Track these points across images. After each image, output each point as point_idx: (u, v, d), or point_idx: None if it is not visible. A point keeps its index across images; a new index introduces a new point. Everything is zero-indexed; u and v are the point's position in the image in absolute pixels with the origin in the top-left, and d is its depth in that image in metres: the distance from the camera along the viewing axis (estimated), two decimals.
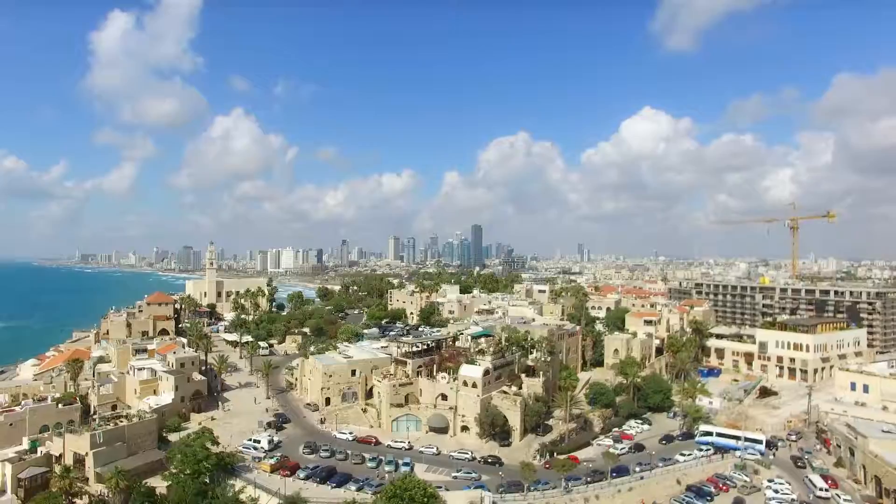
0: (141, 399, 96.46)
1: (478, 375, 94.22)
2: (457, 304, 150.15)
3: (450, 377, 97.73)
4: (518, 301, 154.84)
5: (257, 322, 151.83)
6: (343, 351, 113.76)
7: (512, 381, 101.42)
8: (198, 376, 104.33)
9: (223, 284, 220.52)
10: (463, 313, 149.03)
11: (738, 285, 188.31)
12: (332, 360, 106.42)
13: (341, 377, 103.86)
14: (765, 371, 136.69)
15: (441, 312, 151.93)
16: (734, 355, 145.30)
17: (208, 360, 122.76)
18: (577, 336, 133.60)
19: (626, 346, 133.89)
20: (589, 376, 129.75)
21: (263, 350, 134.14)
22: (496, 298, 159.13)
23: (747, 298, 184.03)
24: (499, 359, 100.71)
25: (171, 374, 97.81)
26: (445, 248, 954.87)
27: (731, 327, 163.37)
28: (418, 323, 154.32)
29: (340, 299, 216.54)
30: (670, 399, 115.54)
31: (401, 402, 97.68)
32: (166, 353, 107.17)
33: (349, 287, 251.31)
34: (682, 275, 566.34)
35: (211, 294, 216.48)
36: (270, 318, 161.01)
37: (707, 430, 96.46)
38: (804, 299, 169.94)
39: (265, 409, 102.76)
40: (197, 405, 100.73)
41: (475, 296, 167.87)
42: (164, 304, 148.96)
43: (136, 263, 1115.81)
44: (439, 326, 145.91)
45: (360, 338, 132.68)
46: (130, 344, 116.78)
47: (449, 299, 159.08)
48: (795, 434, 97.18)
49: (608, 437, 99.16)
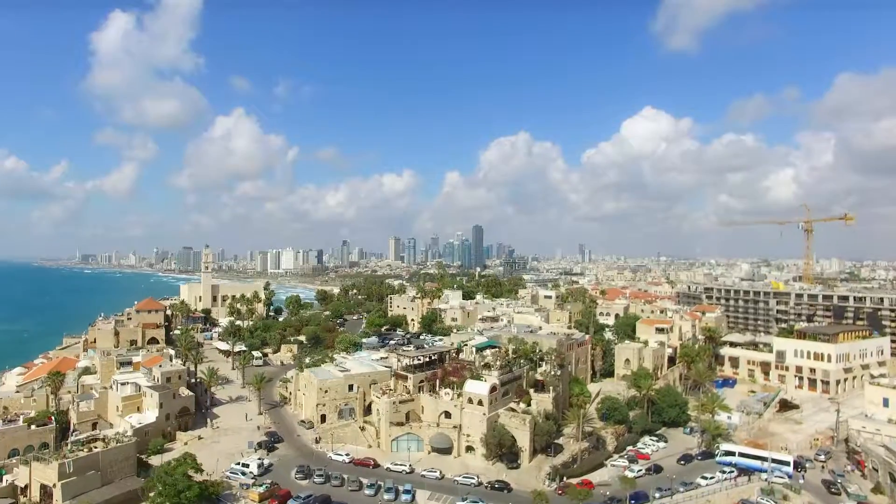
0: (123, 417, 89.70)
1: (484, 392, 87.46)
2: (460, 311, 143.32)
3: (453, 393, 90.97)
4: (523, 308, 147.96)
5: (251, 330, 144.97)
6: (340, 364, 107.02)
7: (520, 396, 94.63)
8: (185, 391, 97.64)
9: (219, 288, 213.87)
10: (466, 321, 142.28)
11: (751, 290, 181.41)
12: (328, 375, 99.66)
13: (338, 393, 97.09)
14: (783, 382, 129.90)
15: (443, 320, 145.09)
16: (749, 364, 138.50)
17: (198, 371, 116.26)
18: (586, 345, 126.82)
19: (637, 355, 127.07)
20: (599, 388, 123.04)
21: (257, 360, 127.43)
22: (500, 305, 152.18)
23: (760, 304, 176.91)
24: (506, 373, 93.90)
25: (156, 391, 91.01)
26: (446, 248, 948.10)
27: (745, 335, 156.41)
28: (419, 330, 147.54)
29: (339, 304, 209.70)
30: (686, 413, 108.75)
31: (401, 420, 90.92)
32: (152, 367, 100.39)
33: (348, 291, 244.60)
34: (686, 276, 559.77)
35: (206, 298, 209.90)
36: (265, 325, 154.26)
37: (729, 450, 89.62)
38: (821, 305, 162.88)
39: (257, 427, 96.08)
40: (183, 423, 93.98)
41: (478, 302, 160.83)
42: (154, 311, 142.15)
43: (136, 264, 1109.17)
44: (441, 335, 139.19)
45: (358, 348, 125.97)
46: (115, 356, 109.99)
47: (451, 306, 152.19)
48: (824, 454, 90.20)
49: (623, 458, 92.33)
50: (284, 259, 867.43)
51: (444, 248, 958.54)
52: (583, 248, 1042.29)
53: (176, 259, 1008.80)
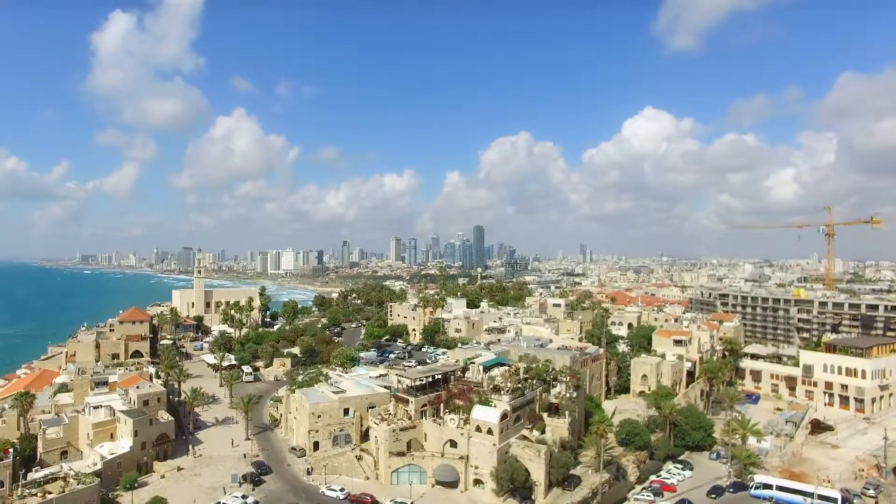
0: (93, 447, 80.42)
1: (494, 420, 78.09)
2: (464, 321, 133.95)
3: (459, 419, 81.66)
4: (532, 318, 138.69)
5: (242, 342, 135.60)
6: (334, 383, 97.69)
7: (533, 422, 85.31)
8: (165, 415, 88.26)
9: (212, 294, 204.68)
10: (471, 332, 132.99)
11: (770, 297, 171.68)
12: (321, 397, 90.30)
13: (332, 417, 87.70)
14: (810, 398, 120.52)
15: (446, 331, 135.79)
16: (773, 379, 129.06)
17: (182, 389, 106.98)
18: (600, 360, 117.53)
19: (655, 371, 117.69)
20: (614, 406, 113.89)
21: (248, 376, 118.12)
22: (507, 315, 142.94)
23: (780, 312, 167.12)
24: (518, 397, 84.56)
25: (130, 417, 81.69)
26: (447, 248, 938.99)
27: (768, 346, 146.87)
28: (421, 342, 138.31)
29: (337, 310, 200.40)
30: (711, 437, 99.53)
31: (402, 449, 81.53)
32: (129, 388, 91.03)
33: (347, 296, 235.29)
34: (690, 278, 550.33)
35: (199, 305, 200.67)
36: (258, 335, 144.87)
37: (765, 482, 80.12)
38: (847, 314, 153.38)
39: (243, 455, 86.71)
40: (162, 451, 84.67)
41: (484, 311, 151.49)
42: (139, 322, 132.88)
43: (136, 264, 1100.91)
44: (445, 347, 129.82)
45: (355, 363, 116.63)
46: (91, 374, 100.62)
47: (455, 316, 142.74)
48: (873, 487, 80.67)
49: (647, 490, 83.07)
50: (284, 260, 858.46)
51: (444, 249, 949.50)
52: (584, 248, 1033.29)
53: (176, 259, 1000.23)
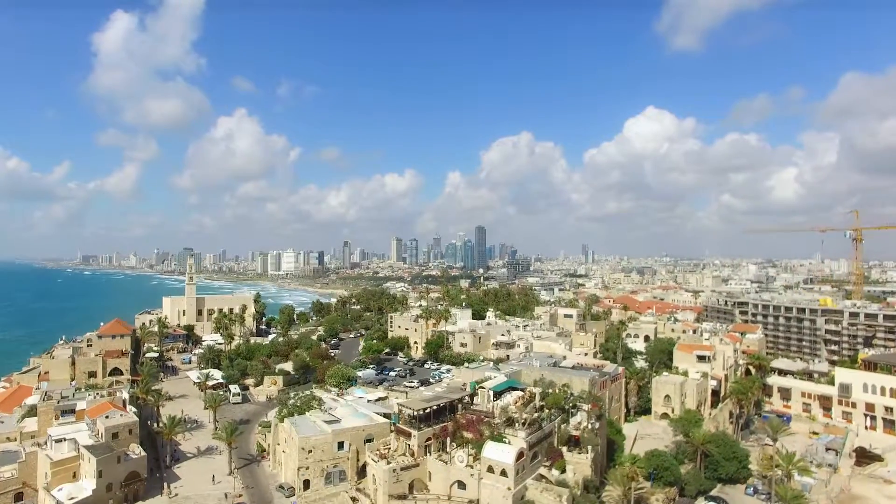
0: (51, 489, 69.98)
1: (509, 461, 67.63)
2: (470, 335, 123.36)
3: (468, 455, 71.25)
4: (543, 331, 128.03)
5: (231, 357, 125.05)
6: (328, 409, 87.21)
7: (552, 459, 74.79)
8: (136, 450, 77.76)
9: (204, 301, 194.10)
10: (478, 347, 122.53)
11: (794, 307, 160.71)
12: (313, 428, 79.84)
13: (324, 452, 77.28)
14: (849, 420, 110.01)
15: (451, 345, 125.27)
16: (805, 397, 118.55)
17: (162, 413, 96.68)
18: (619, 380, 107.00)
19: (679, 391, 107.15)
20: (635, 430, 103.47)
21: (235, 397, 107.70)
22: (516, 327, 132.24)
23: (806, 323, 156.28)
24: (535, 431, 74.06)
25: (95, 454, 71.24)
26: (448, 249, 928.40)
27: (795, 361, 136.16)
28: (423, 357, 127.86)
29: (335, 318, 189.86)
30: (747, 469, 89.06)
31: (403, 491, 71.13)
32: (98, 417, 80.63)
33: (346, 302, 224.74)
34: (695, 280, 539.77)
35: (190, 313, 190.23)
36: (249, 349, 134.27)
37: None
38: (882, 326, 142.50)
39: (224, 495, 76.40)
40: (131, 492, 74.20)
41: (491, 323, 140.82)
42: (120, 337, 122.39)
43: (136, 265, 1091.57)
44: (449, 363, 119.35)
45: (352, 383, 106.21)
46: (58, 398, 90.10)
47: (460, 329, 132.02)
48: None
49: None
50: (285, 260, 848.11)
51: (446, 249, 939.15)
52: (586, 248, 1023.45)
53: (176, 260, 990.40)
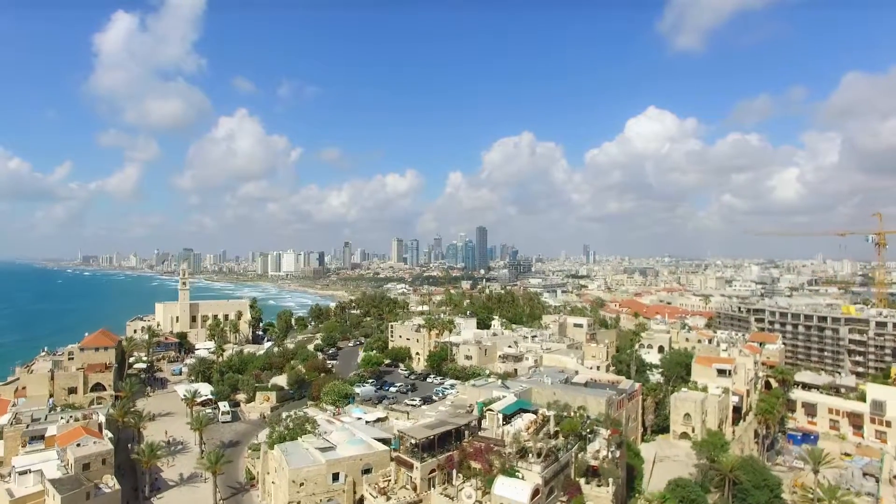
0: None
1: (523, 499, 59.93)
2: (475, 348, 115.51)
3: (475, 491, 63.65)
4: (552, 342, 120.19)
5: (222, 370, 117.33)
6: (323, 433, 79.54)
7: (570, 494, 67.10)
8: (110, 482, 70.27)
9: (198, 307, 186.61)
10: (483, 359, 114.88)
11: (815, 315, 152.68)
12: (305, 457, 72.13)
13: (317, 485, 69.57)
14: (882, 440, 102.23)
15: (455, 357, 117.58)
16: (832, 414, 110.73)
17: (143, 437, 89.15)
18: (636, 398, 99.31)
19: (700, 409, 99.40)
20: (653, 451, 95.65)
21: (225, 415, 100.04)
22: (524, 339, 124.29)
23: (828, 332, 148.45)
24: (551, 464, 66.38)
25: (60, 491, 63.64)
26: (450, 249, 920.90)
27: (820, 374, 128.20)
28: (426, 370, 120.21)
29: (333, 325, 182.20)
30: (780, 499, 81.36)
31: None
32: (69, 445, 73.08)
33: (345, 308, 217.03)
34: (698, 281, 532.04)
35: (184, 319, 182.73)
36: (241, 360, 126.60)
37: None
38: None
39: None
40: None
41: (497, 333, 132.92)
42: (103, 349, 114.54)
43: (136, 265, 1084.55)
44: (453, 377, 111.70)
45: (349, 400, 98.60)
46: (28, 421, 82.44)
47: (465, 339, 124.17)
48: None
49: None
50: (285, 261, 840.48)
51: (447, 250, 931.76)
52: (587, 248, 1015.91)
53: (176, 261, 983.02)
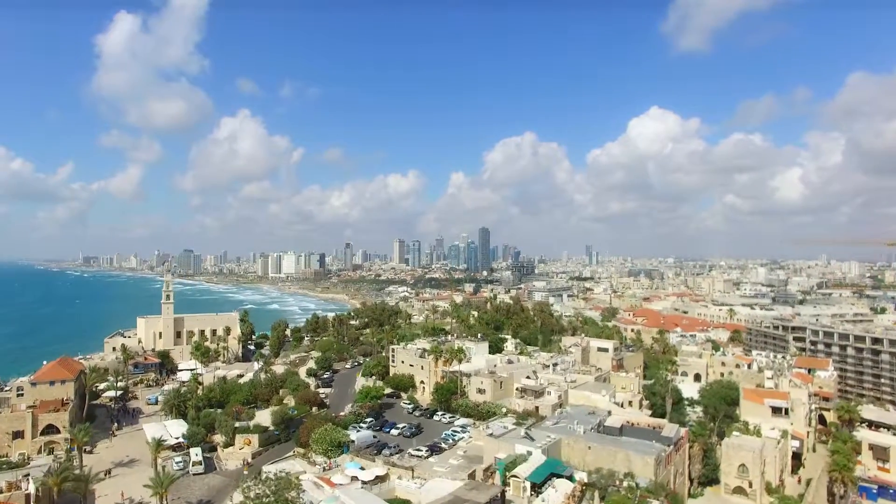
0: None
1: None
2: (490, 381, 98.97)
3: None
4: (577, 373, 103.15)
5: (198, 405, 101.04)
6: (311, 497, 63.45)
7: None
8: None
9: (183, 322, 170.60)
10: (498, 393, 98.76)
11: (867, 336, 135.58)
12: None
13: None
14: None
15: (466, 391, 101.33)
16: None
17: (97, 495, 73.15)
18: (682, 446, 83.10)
19: (758, 459, 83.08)
20: None
21: (196, 466, 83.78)
22: (544, 367, 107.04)
23: (884, 356, 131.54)
24: None
25: None
26: (451, 250, 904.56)
27: (888, 409, 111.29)
28: (432, 404, 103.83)
29: (330, 343, 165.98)
30: None
31: None
32: None
33: (343, 320, 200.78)
34: (706, 284, 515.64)
35: (167, 335, 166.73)
36: (224, 390, 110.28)
37: None
38: None
39: None
40: None
41: (512, 360, 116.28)
42: (60, 383, 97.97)
43: (137, 266, 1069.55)
44: (465, 415, 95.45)
45: (343, 449, 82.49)
46: None
47: (476, 369, 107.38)
48: None
49: None
50: (286, 263, 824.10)
51: (449, 250, 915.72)
52: (589, 249, 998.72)
53: (177, 262, 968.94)
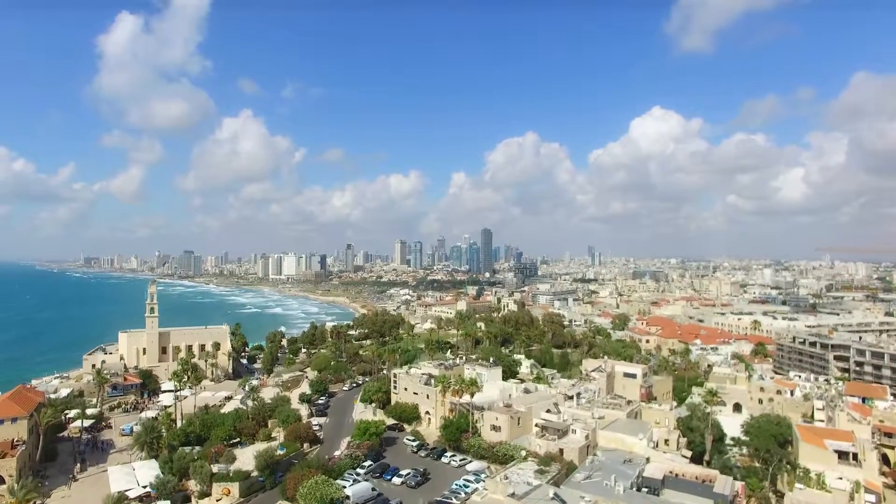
0: None
1: None
2: (505, 417, 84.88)
3: None
4: (605, 408, 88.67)
5: (172, 443, 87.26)
6: None
7: None
8: None
9: (169, 337, 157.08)
10: (515, 431, 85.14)
11: None
12: None
13: None
14: None
15: (479, 428, 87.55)
16: None
17: None
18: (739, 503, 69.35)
19: None
20: None
21: None
22: (567, 400, 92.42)
23: None
24: None
25: None
26: (453, 251, 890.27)
27: None
28: (440, 442, 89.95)
29: (327, 359, 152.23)
30: None
31: None
32: None
33: (341, 332, 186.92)
34: (714, 287, 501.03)
35: (152, 351, 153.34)
36: (204, 421, 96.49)
37: None
38: None
39: None
40: None
41: (529, 390, 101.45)
42: (10, 421, 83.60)
43: (137, 267, 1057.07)
44: (478, 456, 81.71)
45: None
46: None
47: (489, 401, 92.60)
48: None
49: None
50: (286, 264, 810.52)
51: (451, 251, 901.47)
52: (592, 249, 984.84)
53: (177, 263, 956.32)
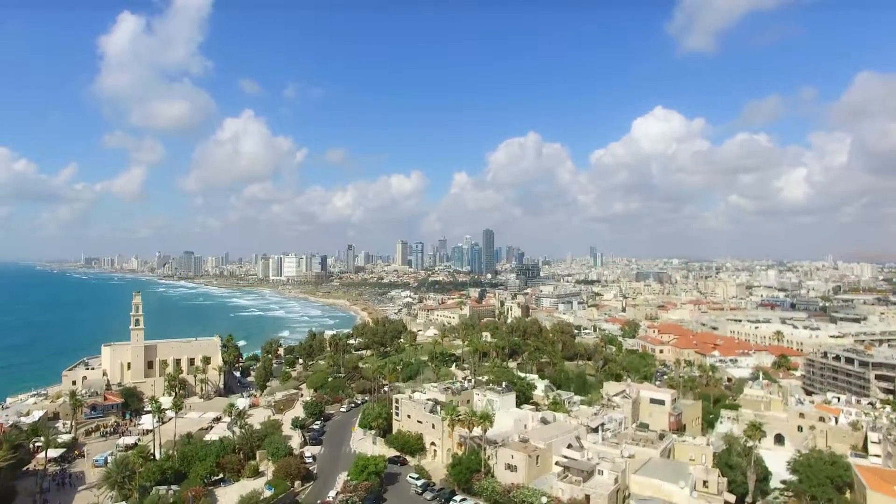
0: None
1: None
2: (522, 456, 74.30)
3: None
4: (634, 444, 77.95)
5: (145, 485, 76.73)
6: None
7: None
8: None
9: (156, 350, 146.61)
10: (534, 471, 74.75)
11: None
12: None
13: None
14: None
15: (491, 464, 76.88)
16: None
17: None
18: None
19: None
20: None
21: None
22: (592, 434, 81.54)
23: None
24: None
25: None
26: (455, 252, 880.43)
27: None
28: (447, 482, 79.15)
29: (324, 375, 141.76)
30: None
31: None
32: None
33: (340, 342, 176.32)
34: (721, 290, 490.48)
35: (137, 366, 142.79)
36: (185, 455, 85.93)
37: None
38: None
39: None
40: None
41: (548, 421, 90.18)
42: None
43: (137, 268, 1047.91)
44: (490, 501, 71.35)
45: None
46: None
47: (503, 435, 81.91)
48: None
49: None
50: (287, 265, 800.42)
51: (452, 252, 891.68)
52: (594, 250, 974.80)
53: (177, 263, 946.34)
